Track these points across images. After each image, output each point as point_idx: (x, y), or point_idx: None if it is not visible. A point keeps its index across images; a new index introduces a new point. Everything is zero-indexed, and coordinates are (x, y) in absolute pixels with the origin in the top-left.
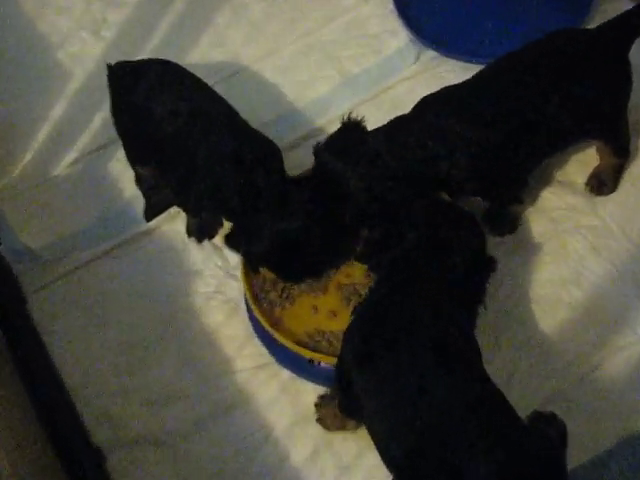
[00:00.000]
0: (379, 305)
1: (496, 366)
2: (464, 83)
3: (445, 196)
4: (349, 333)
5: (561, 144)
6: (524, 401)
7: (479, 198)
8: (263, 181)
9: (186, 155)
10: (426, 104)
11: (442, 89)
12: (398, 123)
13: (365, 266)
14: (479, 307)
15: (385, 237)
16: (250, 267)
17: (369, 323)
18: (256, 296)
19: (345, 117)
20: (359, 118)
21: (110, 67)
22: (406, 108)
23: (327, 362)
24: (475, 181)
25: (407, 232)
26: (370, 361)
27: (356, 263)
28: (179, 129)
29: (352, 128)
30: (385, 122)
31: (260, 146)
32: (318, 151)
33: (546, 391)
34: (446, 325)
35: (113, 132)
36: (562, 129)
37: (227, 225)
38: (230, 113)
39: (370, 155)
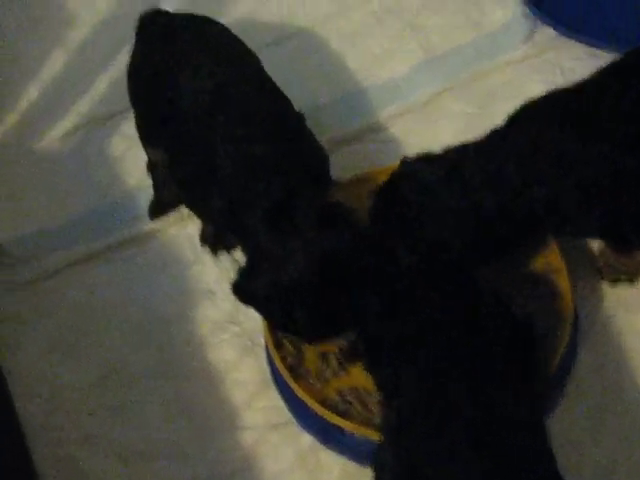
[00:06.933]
0: None
1: (595, 459)
2: (583, 84)
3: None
4: None
5: None
6: None
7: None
8: (299, 196)
9: (203, 147)
10: (528, 113)
11: (550, 92)
12: (491, 140)
13: None
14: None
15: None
16: (272, 321)
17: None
18: (277, 336)
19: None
20: None
21: (144, 15)
22: (505, 103)
23: (361, 433)
24: (592, 218)
25: None
26: None
27: None
28: (201, 111)
29: None
30: (473, 119)
31: (302, 149)
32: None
33: None
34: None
35: (122, 99)
36: None
37: None
38: (276, 103)
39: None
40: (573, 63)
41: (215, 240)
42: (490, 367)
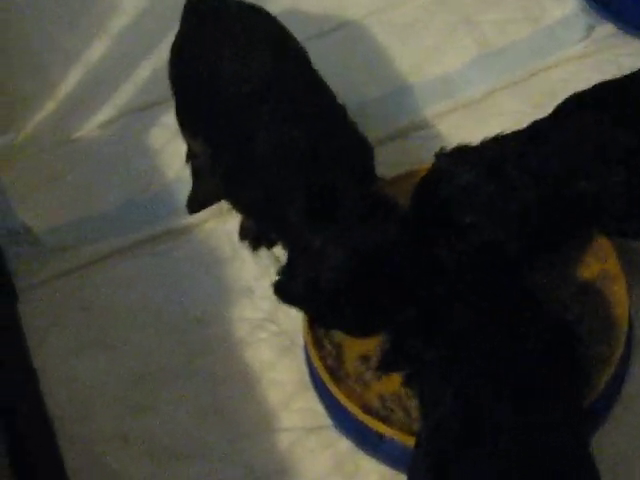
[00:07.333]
0: None
1: None
2: (631, 75)
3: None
4: None
5: None
6: None
7: None
8: (341, 189)
9: (244, 137)
10: (574, 104)
11: (597, 84)
12: (533, 132)
13: None
14: None
15: None
16: (313, 317)
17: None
18: (317, 336)
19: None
20: None
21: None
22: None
23: (402, 440)
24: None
25: None
26: None
27: None
28: (242, 99)
29: None
30: (528, 118)
31: (345, 141)
32: (440, 157)
33: None
34: None
35: (162, 89)
36: None
37: None
38: (319, 94)
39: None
40: (633, 60)
41: (255, 235)
42: (529, 372)
